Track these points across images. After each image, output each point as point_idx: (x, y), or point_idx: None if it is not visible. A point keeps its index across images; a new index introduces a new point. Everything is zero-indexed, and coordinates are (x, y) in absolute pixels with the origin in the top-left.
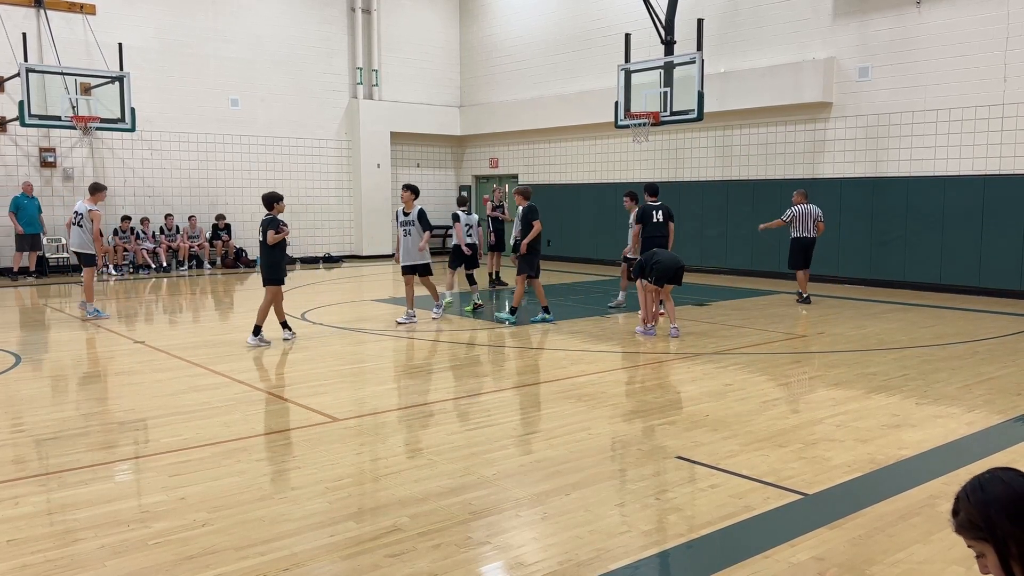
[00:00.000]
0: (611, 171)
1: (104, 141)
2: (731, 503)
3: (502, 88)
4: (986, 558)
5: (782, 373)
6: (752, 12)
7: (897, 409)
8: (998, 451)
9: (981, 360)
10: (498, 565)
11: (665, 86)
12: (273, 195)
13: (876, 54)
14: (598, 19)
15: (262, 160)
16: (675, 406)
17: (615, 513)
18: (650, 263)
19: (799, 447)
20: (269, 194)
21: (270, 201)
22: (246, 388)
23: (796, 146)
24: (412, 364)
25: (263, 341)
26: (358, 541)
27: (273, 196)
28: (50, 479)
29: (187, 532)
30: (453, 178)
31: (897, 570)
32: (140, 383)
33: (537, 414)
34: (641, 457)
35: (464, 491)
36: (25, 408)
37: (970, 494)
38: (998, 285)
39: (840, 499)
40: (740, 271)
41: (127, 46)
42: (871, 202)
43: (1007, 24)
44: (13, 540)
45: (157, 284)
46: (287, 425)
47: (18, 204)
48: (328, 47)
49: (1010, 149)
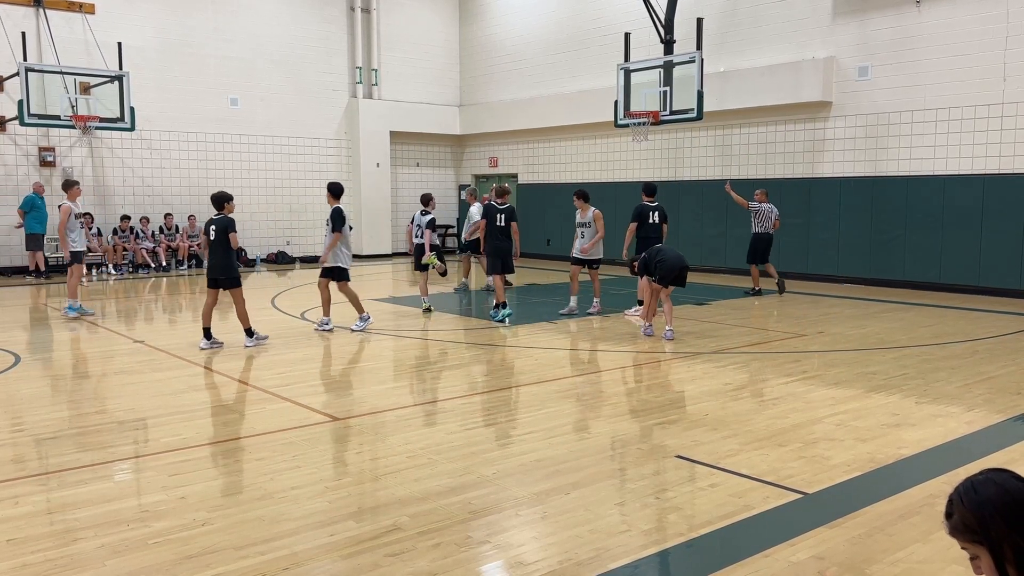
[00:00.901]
0: (611, 170)
1: (103, 140)
2: (731, 502)
3: (502, 87)
4: (980, 560)
5: (782, 372)
6: (751, 11)
7: (897, 408)
8: (998, 450)
9: (980, 359)
10: (498, 564)
11: (664, 85)
12: (223, 195)
13: (876, 53)
14: (598, 18)
15: (262, 159)
16: (675, 405)
17: (615, 512)
18: (654, 260)
19: (799, 446)
20: (219, 194)
21: (220, 201)
22: (245, 387)
23: (796, 145)
24: (411, 363)
25: (260, 339)
26: (358, 540)
27: (223, 196)
28: (50, 478)
29: (187, 531)
30: (453, 177)
31: (896, 569)
32: (140, 382)
33: (537, 413)
34: (641, 456)
35: (464, 490)
36: (25, 408)
37: (963, 496)
38: (997, 284)
39: (840, 498)
40: (739, 270)
41: (126, 45)
42: (870, 201)
43: (1007, 23)
44: (13, 540)
45: (157, 284)
46: (287, 424)
47: (33, 203)
48: (328, 46)
49: (1009, 148)
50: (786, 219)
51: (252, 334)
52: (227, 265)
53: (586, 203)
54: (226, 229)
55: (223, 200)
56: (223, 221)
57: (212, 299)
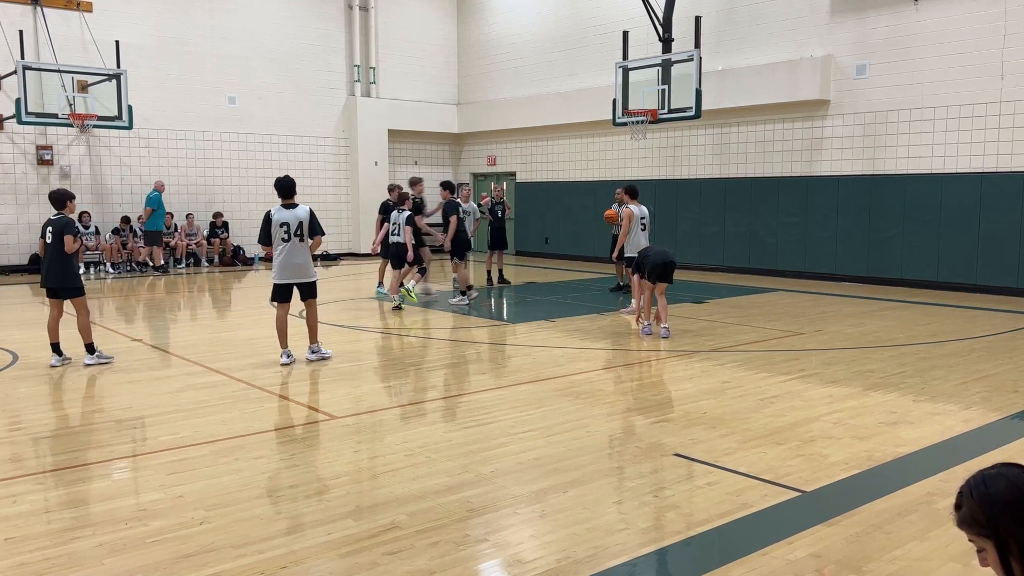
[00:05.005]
0: (609, 169)
1: (101, 139)
2: (729, 500)
3: (500, 85)
4: (987, 553)
5: (779, 370)
6: (750, 10)
7: (894, 406)
8: (995, 448)
9: (978, 357)
10: (496, 563)
11: (663, 84)
12: (64, 192)
13: (873, 51)
14: (596, 16)
15: (259, 158)
16: (673, 404)
17: (613, 510)
18: (642, 257)
19: (796, 444)
20: (59, 191)
21: (60, 199)
22: (244, 386)
23: (794, 144)
24: (410, 362)
25: (104, 358)
26: (356, 539)
27: (63, 193)
28: (48, 477)
29: (185, 530)
30: (451, 176)
31: (894, 567)
32: (137, 381)
33: (535, 412)
34: (639, 455)
35: (462, 489)
36: (22, 406)
37: (974, 490)
38: (995, 282)
39: (837, 496)
40: (737, 268)
41: (124, 43)
42: (868, 199)
43: (1004, 22)
44: (11, 538)
45: (154, 282)
46: (285, 423)
47: (159, 201)
48: (326, 45)
49: (1007, 147)
50: (784, 217)
51: (94, 350)
52: (65, 272)
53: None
54: (62, 231)
55: (64, 198)
56: (60, 221)
57: (56, 311)
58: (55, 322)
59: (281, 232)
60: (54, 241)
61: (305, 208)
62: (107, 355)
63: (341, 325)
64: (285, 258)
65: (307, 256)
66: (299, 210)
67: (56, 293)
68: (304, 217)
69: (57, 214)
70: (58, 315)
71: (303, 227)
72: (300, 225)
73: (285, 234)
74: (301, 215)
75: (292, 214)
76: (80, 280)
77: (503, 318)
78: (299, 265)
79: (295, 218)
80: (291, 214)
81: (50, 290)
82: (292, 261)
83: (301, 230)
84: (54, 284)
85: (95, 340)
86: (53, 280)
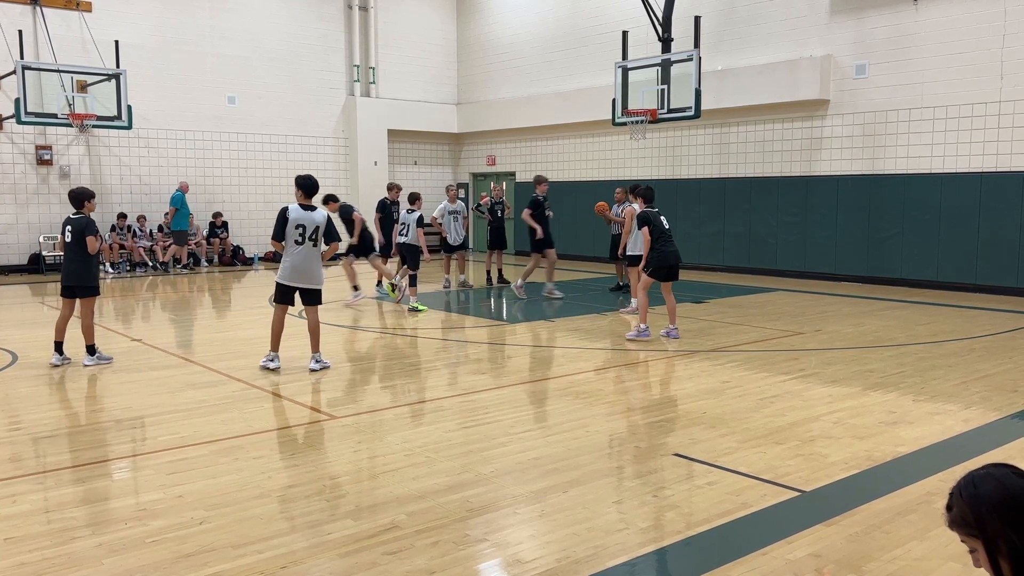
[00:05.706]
0: (608, 168)
1: (100, 139)
2: (728, 500)
3: (499, 85)
4: (978, 553)
5: (779, 370)
6: (749, 9)
7: (894, 406)
8: (995, 448)
9: (978, 357)
10: (496, 562)
11: (662, 83)
12: (83, 191)
13: (873, 51)
14: (595, 16)
15: (259, 158)
16: (672, 403)
17: (613, 510)
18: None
19: (796, 444)
20: (79, 190)
21: (79, 198)
22: (243, 385)
23: (793, 143)
24: (409, 362)
25: (103, 359)
26: (356, 539)
27: (83, 192)
28: (47, 477)
29: (185, 530)
30: (451, 176)
31: (894, 567)
32: (137, 381)
33: (534, 411)
34: (639, 454)
35: (462, 488)
36: (22, 406)
37: (963, 491)
38: (995, 282)
39: (837, 496)
40: (737, 268)
41: (123, 43)
42: (868, 199)
43: (1004, 21)
44: (10, 538)
45: (154, 282)
46: (284, 423)
47: (183, 201)
48: (325, 44)
49: (1007, 146)
50: (784, 217)
51: (94, 352)
52: (83, 272)
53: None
54: (83, 231)
55: (83, 197)
56: (80, 221)
57: (68, 310)
58: (64, 321)
59: (296, 233)
60: (74, 239)
61: (323, 213)
62: (107, 356)
63: (341, 325)
64: (295, 261)
65: (318, 263)
66: (317, 214)
67: (72, 292)
68: (321, 222)
69: (76, 213)
70: (68, 314)
71: (319, 232)
72: (316, 230)
73: (300, 236)
74: (318, 219)
75: (309, 217)
76: (97, 280)
77: (502, 318)
78: (308, 270)
79: (312, 222)
80: (308, 216)
81: (66, 288)
82: (302, 265)
83: (316, 235)
84: (72, 283)
85: (95, 340)
86: (72, 279)
